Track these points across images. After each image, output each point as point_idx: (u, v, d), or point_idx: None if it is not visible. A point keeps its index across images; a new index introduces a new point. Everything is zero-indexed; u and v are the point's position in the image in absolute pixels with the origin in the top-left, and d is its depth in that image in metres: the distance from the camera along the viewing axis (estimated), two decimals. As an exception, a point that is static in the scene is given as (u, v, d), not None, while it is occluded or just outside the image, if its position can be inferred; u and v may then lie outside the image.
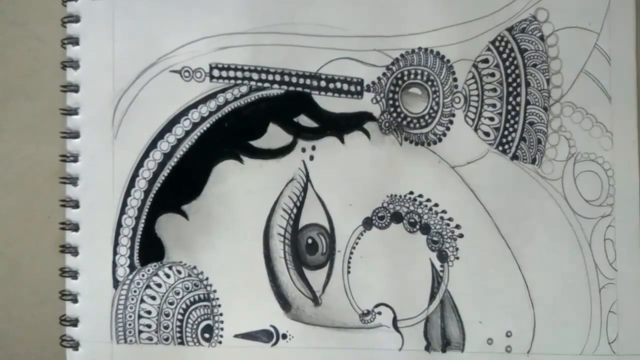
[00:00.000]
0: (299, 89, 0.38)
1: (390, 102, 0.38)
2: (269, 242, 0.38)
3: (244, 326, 0.38)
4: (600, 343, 0.37)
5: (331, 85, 0.38)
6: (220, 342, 0.38)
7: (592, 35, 0.37)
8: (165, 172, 0.38)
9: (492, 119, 0.38)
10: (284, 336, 0.38)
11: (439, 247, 0.38)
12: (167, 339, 0.38)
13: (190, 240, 0.38)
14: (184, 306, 0.38)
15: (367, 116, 0.38)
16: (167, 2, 0.38)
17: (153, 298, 0.38)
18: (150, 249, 0.38)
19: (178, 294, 0.38)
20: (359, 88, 0.38)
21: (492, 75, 0.38)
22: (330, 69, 0.38)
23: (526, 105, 0.38)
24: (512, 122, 0.38)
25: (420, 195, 0.38)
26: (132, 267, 0.38)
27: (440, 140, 0.38)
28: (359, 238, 0.38)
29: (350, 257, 0.38)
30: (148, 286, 0.38)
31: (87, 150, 0.38)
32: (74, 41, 0.38)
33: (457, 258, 0.38)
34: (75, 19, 0.38)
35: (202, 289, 0.38)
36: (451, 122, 0.38)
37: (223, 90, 0.38)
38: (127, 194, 0.38)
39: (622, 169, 0.38)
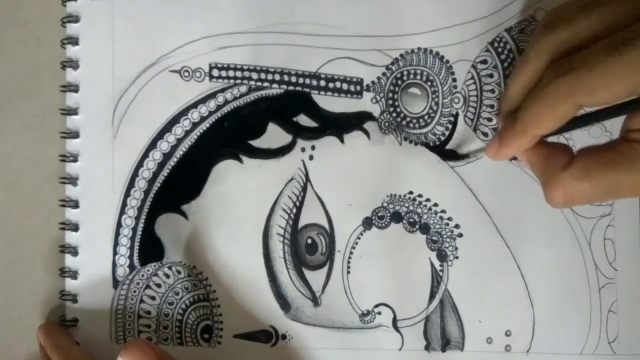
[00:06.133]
0: (299, 88, 0.38)
1: (390, 102, 0.38)
2: (268, 242, 0.38)
3: (244, 327, 0.38)
4: (600, 343, 0.37)
5: (331, 85, 0.38)
6: (219, 343, 0.38)
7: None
8: (165, 172, 0.38)
9: (490, 119, 0.38)
10: (284, 337, 0.38)
11: (438, 247, 0.38)
12: (166, 340, 0.38)
13: (190, 240, 0.38)
14: (183, 307, 0.38)
15: (367, 116, 0.38)
16: (167, 2, 0.38)
17: (153, 298, 0.38)
18: (150, 249, 0.38)
19: (178, 294, 0.38)
20: (359, 88, 0.38)
21: (491, 76, 0.38)
22: (330, 69, 0.38)
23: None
24: (511, 122, 0.38)
25: (420, 195, 0.38)
26: (132, 267, 0.38)
27: (440, 140, 0.38)
28: (359, 238, 0.38)
29: (350, 257, 0.38)
30: (148, 286, 0.38)
31: (87, 150, 0.38)
32: (74, 41, 0.38)
33: (457, 258, 0.38)
34: (75, 19, 0.38)
35: (201, 290, 0.38)
36: (450, 122, 0.38)
37: (223, 90, 0.38)
38: (127, 194, 0.38)
39: (622, 169, 0.38)
